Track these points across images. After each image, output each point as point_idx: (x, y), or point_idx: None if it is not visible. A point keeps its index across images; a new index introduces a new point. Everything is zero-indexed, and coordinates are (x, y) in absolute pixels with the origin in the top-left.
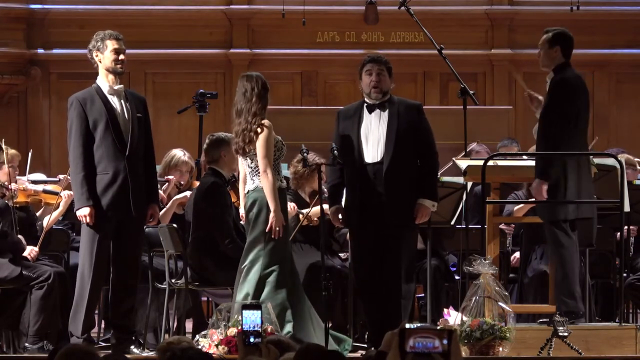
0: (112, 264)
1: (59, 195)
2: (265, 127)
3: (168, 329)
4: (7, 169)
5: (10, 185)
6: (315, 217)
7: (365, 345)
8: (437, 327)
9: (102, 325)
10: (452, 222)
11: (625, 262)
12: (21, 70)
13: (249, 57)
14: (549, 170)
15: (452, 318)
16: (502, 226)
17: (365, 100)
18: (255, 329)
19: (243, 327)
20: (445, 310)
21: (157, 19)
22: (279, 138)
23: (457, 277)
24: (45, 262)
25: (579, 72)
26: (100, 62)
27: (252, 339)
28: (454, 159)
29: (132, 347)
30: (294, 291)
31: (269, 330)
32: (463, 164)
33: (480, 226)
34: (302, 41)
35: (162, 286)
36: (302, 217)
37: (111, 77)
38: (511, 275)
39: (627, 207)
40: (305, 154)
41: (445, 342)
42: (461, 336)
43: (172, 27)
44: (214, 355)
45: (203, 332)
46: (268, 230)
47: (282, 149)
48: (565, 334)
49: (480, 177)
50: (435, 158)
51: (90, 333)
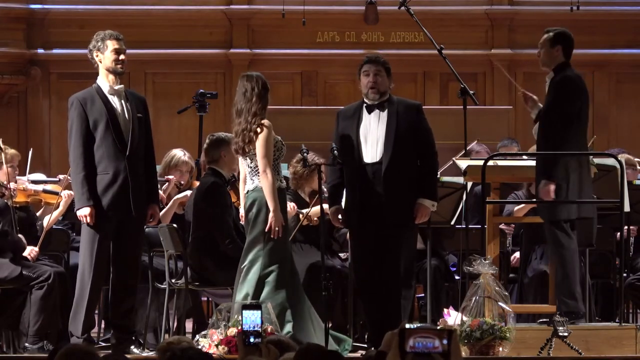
0: (112, 264)
1: (59, 195)
2: (265, 127)
3: (168, 329)
4: (6, 168)
5: (10, 185)
6: (315, 217)
7: (365, 345)
8: (437, 327)
9: (102, 325)
10: (452, 222)
11: (625, 262)
12: (21, 70)
13: (249, 57)
14: (555, 170)
15: (452, 318)
16: (502, 226)
17: (365, 100)
18: (255, 329)
19: (243, 327)
20: (445, 310)
21: (157, 19)
22: (278, 138)
23: (457, 277)
24: (45, 262)
25: (578, 72)
26: (100, 62)
27: (252, 339)
28: (454, 159)
29: (132, 347)
30: (294, 291)
31: (269, 330)
32: (463, 164)
33: (480, 226)
34: (302, 41)
35: (162, 286)
36: (302, 217)
37: (111, 77)
38: (511, 275)
39: (627, 207)
40: (305, 154)
41: (445, 342)
42: (461, 336)
43: (172, 27)
44: (214, 355)
45: (203, 332)
46: (267, 230)
47: (281, 149)
48: (565, 334)
49: (480, 177)
50: (435, 158)
51: (90, 333)
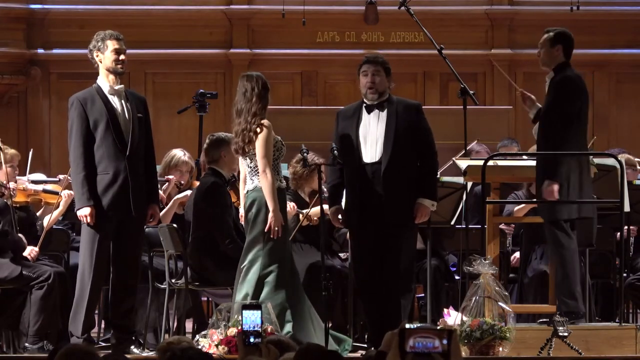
0: (112, 264)
1: (59, 194)
2: (265, 127)
3: (168, 329)
4: (5, 168)
5: (9, 185)
6: (315, 217)
7: (365, 345)
8: (437, 327)
9: (102, 325)
10: (452, 222)
11: (625, 262)
12: (21, 70)
13: (249, 57)
14: (558, 170)
15: (452, 318)
16: (502, 226)
17: (364, 100)
18: (255, 329)
19: (243, 327)
20: (445, 310)
21: (157, 19)
22: (278, 138)
23: (457, 277)
24: (45, 262)
25: (578, 72)
26: (100, 62)
27: (252, 339)
28: (454, 159)
29: (132, 347)
30: (293, 291)
31: (269, 330)
32: (463, 164)
33: (480, 226)
34: (302, 41)
35: (162, 286)
36: (302, 217)
37: (112, 77)
38: (511, 275)
39: (627, 207)
40: (305, 154)
41: (445, 342)
42: (461, 336)
43: (172, 27)
44: (214, 355)
45: (203, 332)
46: (267, 230)
47: (281, 149)
48: (565, 334)
49: (480, 177)
50: (435, 158)
51: (90, 333)
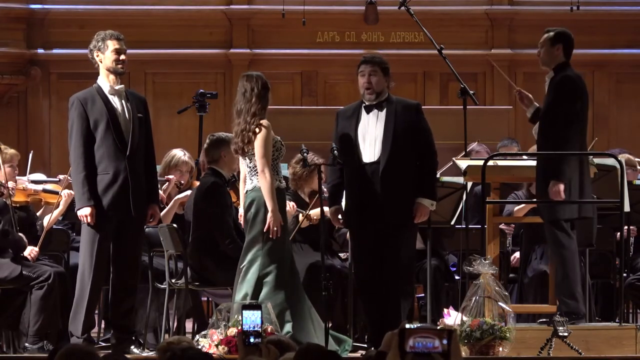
0: (112, 264)
1: (59, 194)
2: (264, 127)
3: (168, 329)
4: (3, 168)
5: (8, 184)
6: (315, 216)
7: (365, 345)
8: (437, 327)
9: (102, 325)
10: (452, 222)
11: (625, 262)
12: (21, 70)
13: (249, 57)
14: (563, 170)
15: (452, 318)
16: (502, 226)
17: (363, 100)
18: (255, 329)
19: (243, 327)
20: (445, 310)
21: (157, 19)
22: (277, 138)
23: (457, 277)
24: (45, 262)
25: (578, 72)
26: (101, 62)
27: (252, 339)
28: (454, 159)
29: (132, 347)
30: (293, 291)
31: (269, 330)
32: (463, 164)
33: (480, 226)
34: (302, 41)
35: (162, 286)
36: (302, 217)
37: (112, 77)
38: (511, 275)
39: (627, 207)
40: (305, 154)
41: (445, 342)
42: (461, 336)
43: (172, 27)
44: (214, 355)
45: (203, 332)
46: (266, 230)
47: (281, 149)
48: (565, 334)
49: (480, 177)
50: (434, 157)
51: (90, 333)
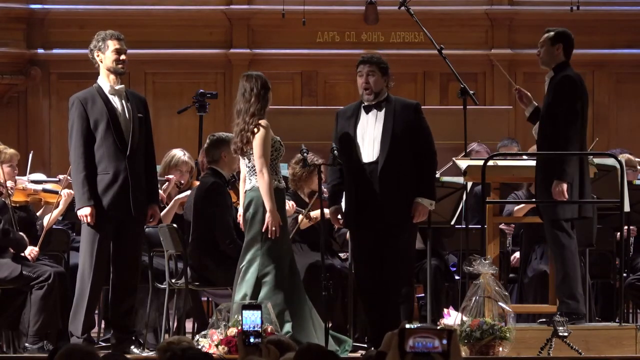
0: (112, 264)
1: (59, 194)
2: (262, 127)
3: (168, 329)
4: (1, 167)
5: (7, 183)
6: (315, 216)
7: (365, 345)
8: (437, 327)
9: (102, 325)
10: (452, 222)
11: (625, 262)
12: (21, 70)
13: (249, 57)
14: (565, 169)
15: (452, 318)
16: (502, 226)
17: (362, 100)
18: (255, 329)
19: (243, 327)
20: (445, 310)
21: (157, 19)
22: (277, 138)
23: (457, 277)
24: (45, 262)
25: (578, 72)
26: (101, 62)
27: (252, 339)
28: (454, 159)
29: (132, 347)
30: (293, 291)
31: (269, 330)
32: (463, 164)
33: (480, 226)
34: (302, 41)
35: (162, 286)
36: (302, 216)
37: (112, 77)
38: (511, 275)
39: (627, 207)
40: (305, 154)
41: (445, 342)
42: (461, 336)
43: (172, 27)
44: (214, 355)
45: (203, 332)
46: (264, 230)
47: (280, 149)
48: (565, 334)
49: (480, 177)
50: (434, 157)
51: (90, 333)
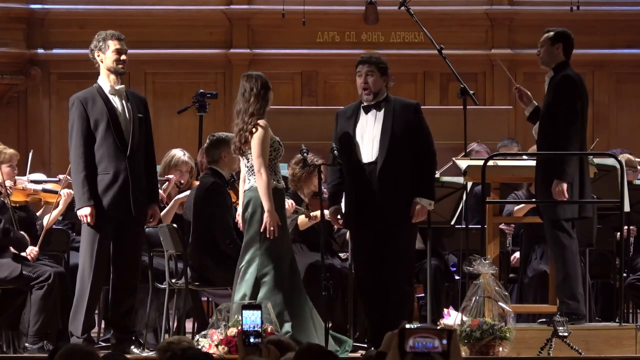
0: (112, 264)
1: (59, 194)
2: (261, 127)
3: (168, 329)
4: (2, 167)
5: (5, 183)
6: (315, 215)
7: (365, 345)
8: (437, 327)
9: (102, 325)
10: (452, 222)
11: (625, 262)
12: (21, 70)
13: (249, 57)
14: (566, 169)
15: (452, 318)
16: (502, 226)
17: (362, 100)
18: (255, 329)
19: (243, 327)
20: (445, 310)
21: (157, 19)
22: (276, 138)
23: (457, 277)
24: (45, 262)
25: (577, 72)
26: (101, 62)
27: (252, 339)
28: (454, 159)
29: (132, 347)
30: (293, 291)
31: (269, 330)
32: (463, 164)
33: (480, 226)
34: (302, 41)
35: (162, 286)
36: (303, 215)
37: (112, 77)
38: (511, 275)
39: (627, 207)
40: (305, 154)
41: (445, 342)
42: (461, 336)
43: (172, 27)
44: (214, 355)
45: (203, 332)
46: (262, 230)
47: (279, 150)
48: (565, 334)
49: (480, 177)
50: (433, 157)
51: (90, 333)
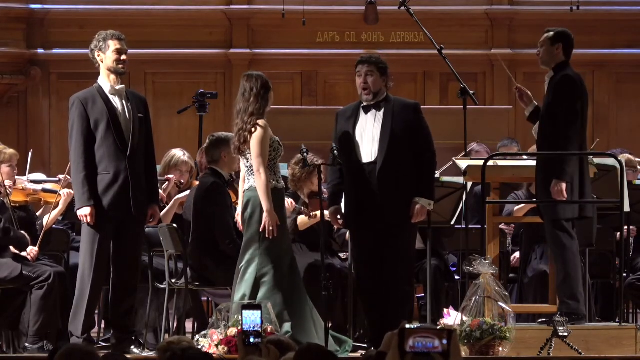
0: (113, 264)
1: (58, 193)
2: (260, 126)
3: (168, 329)
4: (2, 167)
5: (4, 182)
6: (315, 214)
7: (365, 346)
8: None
9: (102, 325)
10: (452, 222)
11: (625, 262)
12: (21, 70)
13: (249, 57)
14: (565, 169)
15: (452, 318)
16: (502, 226)
17: (362, 100)
18: (255, 329)
19: (243, 327)
20: (445, 310)
21: (157, 19)
22: (275, 138)
23: (457, 277)
24: (45, 262)
25: (577, 72)
26: (102, 62)
27: (252, 339)
28: (454, 159)
29: (132, 347)
30: (293, 291)
31: (269, 330)
32: (463, 164)
33: (480, 226)
34: (302, 41)
35: (162, 286)
36: (303, 213)
37: (113, 77)
38: (511, 275)
39: (627, 207)
40: (305, 154)
41: (445, 342)
42: (461, 336)
43: (172, 27)
44: (214, 355)
45: (203, 332)
46: (261, 230)
47: (278, 150)
48: (565, 334)
49: (480, 177)
50: (433, 157)
51: (90, 333)
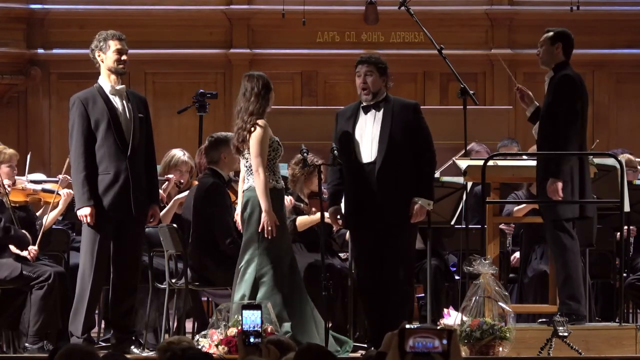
0: (113, 264)
1: (58, 194)
2: (259, 126)
3: (168, 329)
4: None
5: (3, 182)
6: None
7: (365, 345)
8: (437, 327)
9: (102, 325)
10: (452, 222)
11: (625, 262)
12: (21, 70)
13: (249, 57)
14: (562, 168)
15: (452, 318)
16: (502, 226)
17: (361, 100)
18: (255, 329)
19: (243, 327)
20: (445, 310)
21: (157, 19)
22: (275, 138)
23: (457, 277)
24: (45, 262)
25: (577, 72)
26: (102, 62)
27: (252, 339)
28: (454, 159)
29: (132, 347)
30: (293, 290)
31: (269, 330)
32: (463, 164)
33: (480, 226)
34: (302, 41)
35: (162, 286)
36: (303, 211)
37: (113, 77)
38: (511, 275)
39: (627, 207)
40: (305, 154)
41: (445, 342)
42: (461, 336)
43: (172, 27)
44: (214, 355)
45: (203, 332)
46: (260, 230)
47: (278, 150)
48: (565, 334)
49: (480, 177)
50: (433, 157)
51: (90, 333)
